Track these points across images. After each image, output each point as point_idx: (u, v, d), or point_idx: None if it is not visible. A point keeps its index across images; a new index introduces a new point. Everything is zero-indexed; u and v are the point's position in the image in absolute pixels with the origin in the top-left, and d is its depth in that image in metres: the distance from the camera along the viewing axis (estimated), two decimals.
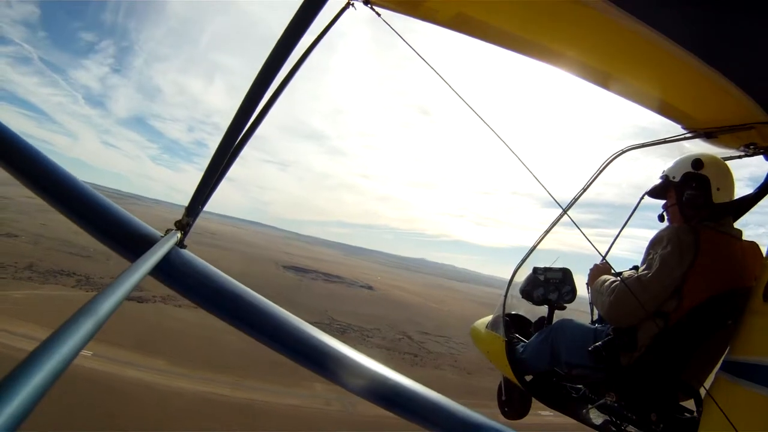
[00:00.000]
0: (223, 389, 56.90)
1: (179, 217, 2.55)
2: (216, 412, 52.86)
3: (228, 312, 2.58)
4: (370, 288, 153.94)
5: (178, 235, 2.46)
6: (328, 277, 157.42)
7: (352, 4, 2.78)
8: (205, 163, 2.60)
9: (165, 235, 2.45)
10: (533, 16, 2.76)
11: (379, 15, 2.76)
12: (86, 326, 1.12)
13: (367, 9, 2.76)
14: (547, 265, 4.70)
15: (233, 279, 2.64)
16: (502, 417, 4.88)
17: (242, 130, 2.57)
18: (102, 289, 1.36)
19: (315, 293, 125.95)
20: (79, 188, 2.56)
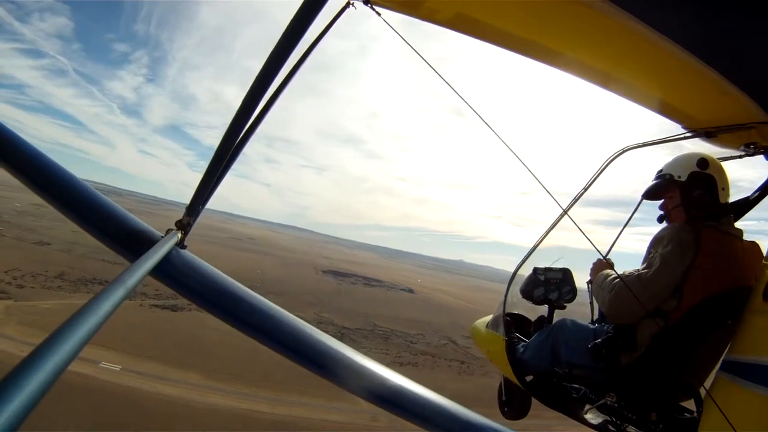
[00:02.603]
0: (261, 405, 54.24)
1: (214, 219, 3.77)
2: (252, 429, 48.67)
3: (228, 312, 2.60)
4: (410, 291, 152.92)
5: (179, 235, 2.51)
6: (368, 281, 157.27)
7: (352, 4, 2.81)
8: (242, 169, 2.76)
9: (165, 235, 2.49)
10: (533, 16, 2.78)
11: (379, 14, 2.79)
12: (86, 326, 1.15)
13: (367, 9, 2.79)
14: (548, 265, 4.75)
15: (233, 279, 2.67)
16: (502, 417, 4.80)
17: (242, 130, 2.62)
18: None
19: (356, 298, 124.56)
20: (80, 187, 2.60)
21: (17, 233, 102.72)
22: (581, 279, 4.55)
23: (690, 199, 3.57)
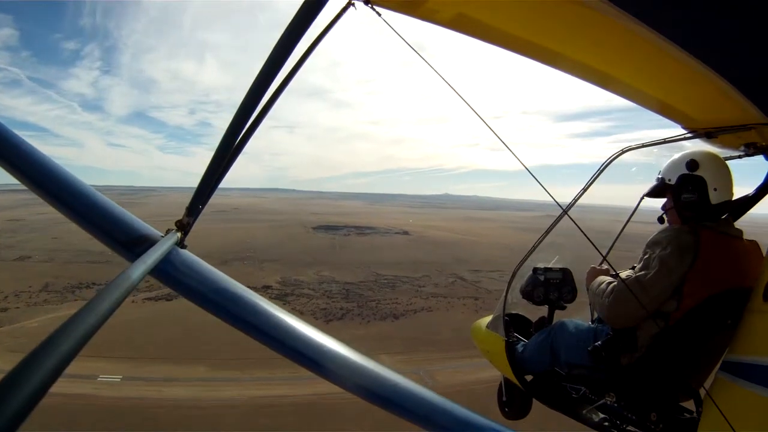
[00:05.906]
0: (279, 388, 50.66)
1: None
2: (277, 419, 44.29)
3: (228, 312, 2.59)
4: (405, 233, 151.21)
5: (178, 235, 2.51)
6: (361, 230, 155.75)
7: (353, 4, 2.77)
8: (214, 141, 2.72)
9: (165, 235, 2.51)
10: (533, 16, 2.73)
11: (379, 15, 2.75)
12: (85, 327, 1.16)
13: (367, 9, 2.76)
14: (548, 265, 4.65)
15: (233, 279, 2.68)
16: (502, 417, 4.76)
17: (242, 130, 2.61)
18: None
19: (352, 249, 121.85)
20: (80, 188, 2.60)
21: None
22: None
23: (680, 203, 3.54)
